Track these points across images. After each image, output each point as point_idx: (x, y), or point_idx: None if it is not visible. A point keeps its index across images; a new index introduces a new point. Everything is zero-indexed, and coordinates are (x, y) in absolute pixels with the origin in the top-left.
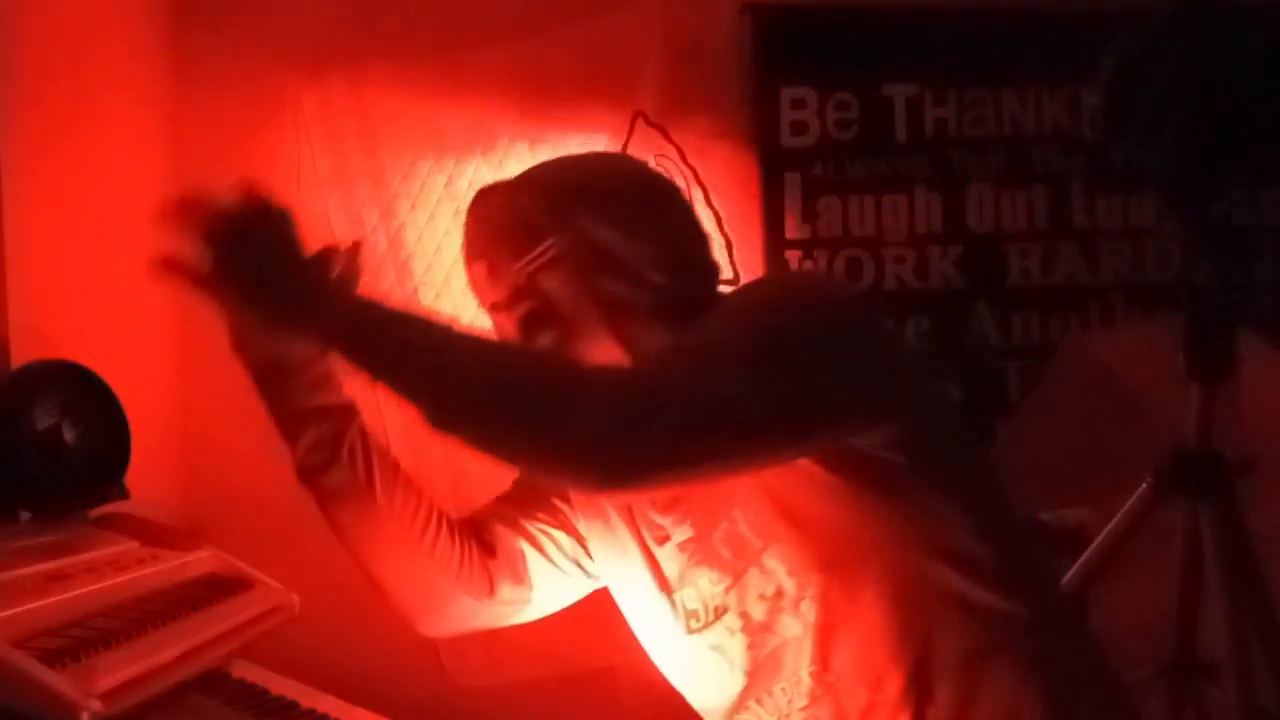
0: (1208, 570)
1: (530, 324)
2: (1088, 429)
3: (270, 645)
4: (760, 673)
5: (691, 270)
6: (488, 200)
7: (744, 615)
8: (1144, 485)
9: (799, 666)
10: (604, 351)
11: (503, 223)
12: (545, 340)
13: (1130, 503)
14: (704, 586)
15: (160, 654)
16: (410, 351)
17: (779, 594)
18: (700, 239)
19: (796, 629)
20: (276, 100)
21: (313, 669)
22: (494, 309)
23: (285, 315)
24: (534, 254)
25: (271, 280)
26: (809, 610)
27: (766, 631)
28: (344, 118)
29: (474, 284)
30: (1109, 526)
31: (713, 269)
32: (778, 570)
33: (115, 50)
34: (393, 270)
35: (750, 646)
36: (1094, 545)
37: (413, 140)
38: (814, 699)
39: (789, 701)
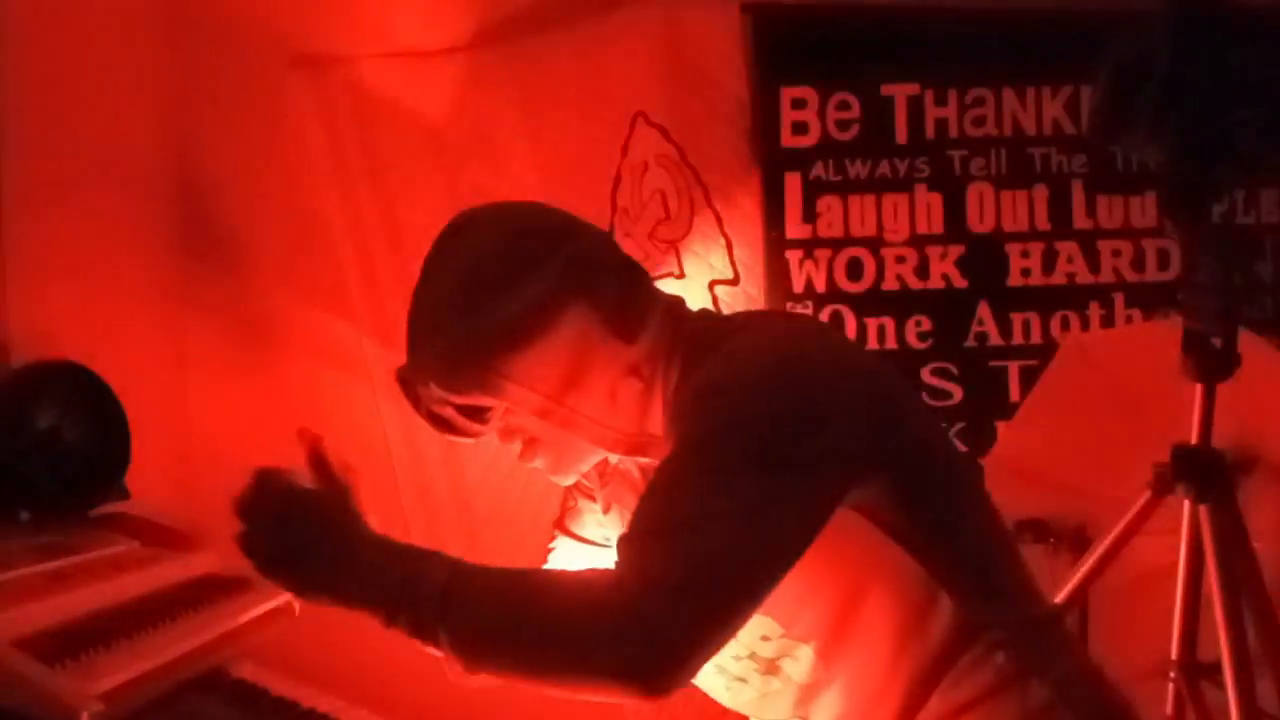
0: (1208, 570)
1: (525, 450)
2: (1088, 429)
3: (270, 645)
4: (768, 700)
5: (615, 310)
6: (416, 390)
7: (751, 655)
8: (1144, 485)
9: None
10: (580, 436)
11: (446, 408)
12: (542, 454)
13: (1131, 503)
14: None
15: (160, 654)
16: (425, 619)
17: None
18: (581, 261)
19: (798, 675)
20: (277, 100)
21: (313, 669)
22: None
23: (310, 592)
24: (487, 420)
25: (298, 563)
26: (805, 660)
27: (773, 672)
28: (344, 117)
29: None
30: (1109, 527)
31: (627, 280)
32: (773, 626)
33: (116, 50)
34: (391, 271)
35: (758, 673)
36: (1095, 545)
37: (413, 140)
38: None
39: None
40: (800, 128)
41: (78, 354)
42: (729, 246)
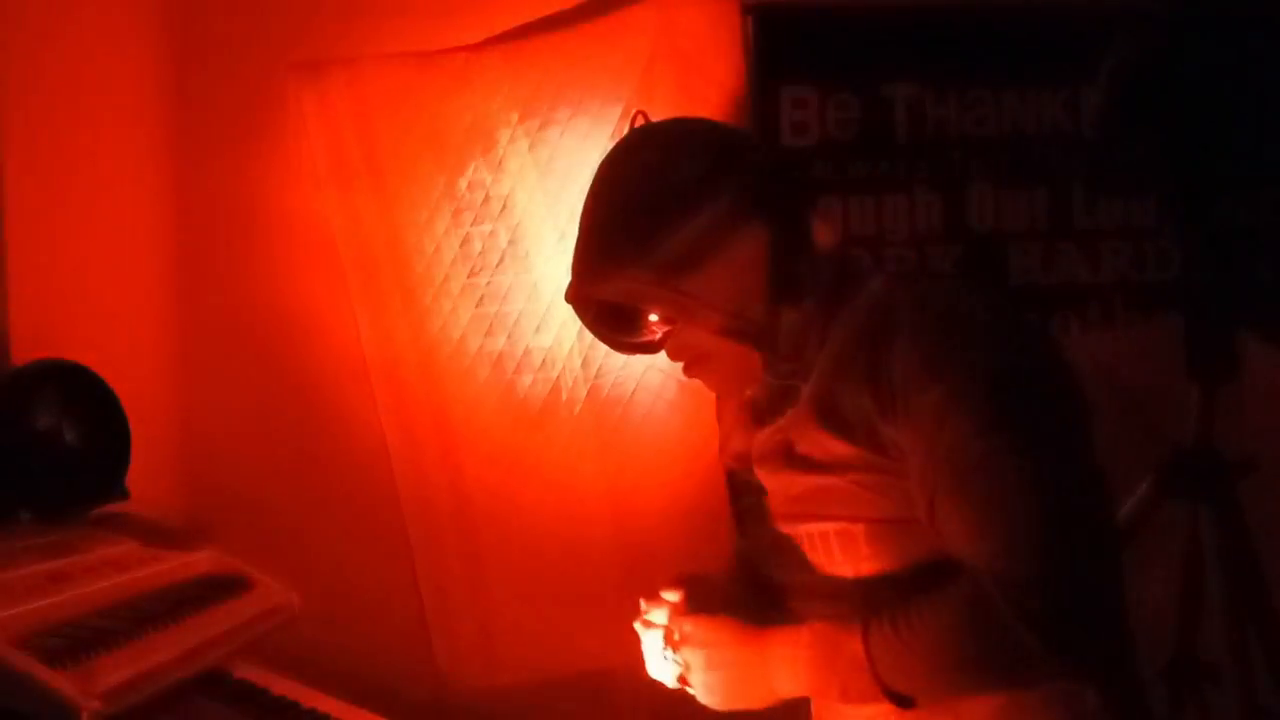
0: (1208, 570)
1: (693, 365)
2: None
3: (270, 645)
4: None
5: (774, 220)
6: (593, 305)
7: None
8: (1144, 485)
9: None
10: (743, 359)
11: (613, 308)
12: (711, 370)
13: (1131, 503)
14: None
15: (160, 654)
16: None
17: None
18: (769, 181)
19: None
20: (277, 100)
21: (313, 669)
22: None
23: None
24: (648, 333)
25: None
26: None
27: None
28: (344, 118)
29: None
30: None
31: (790, 194)
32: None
33: (116, 50)
34: (390, 271)
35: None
36: None
37: (412, 140)
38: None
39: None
40: (800, 128)
41: (78, 354)
42: None
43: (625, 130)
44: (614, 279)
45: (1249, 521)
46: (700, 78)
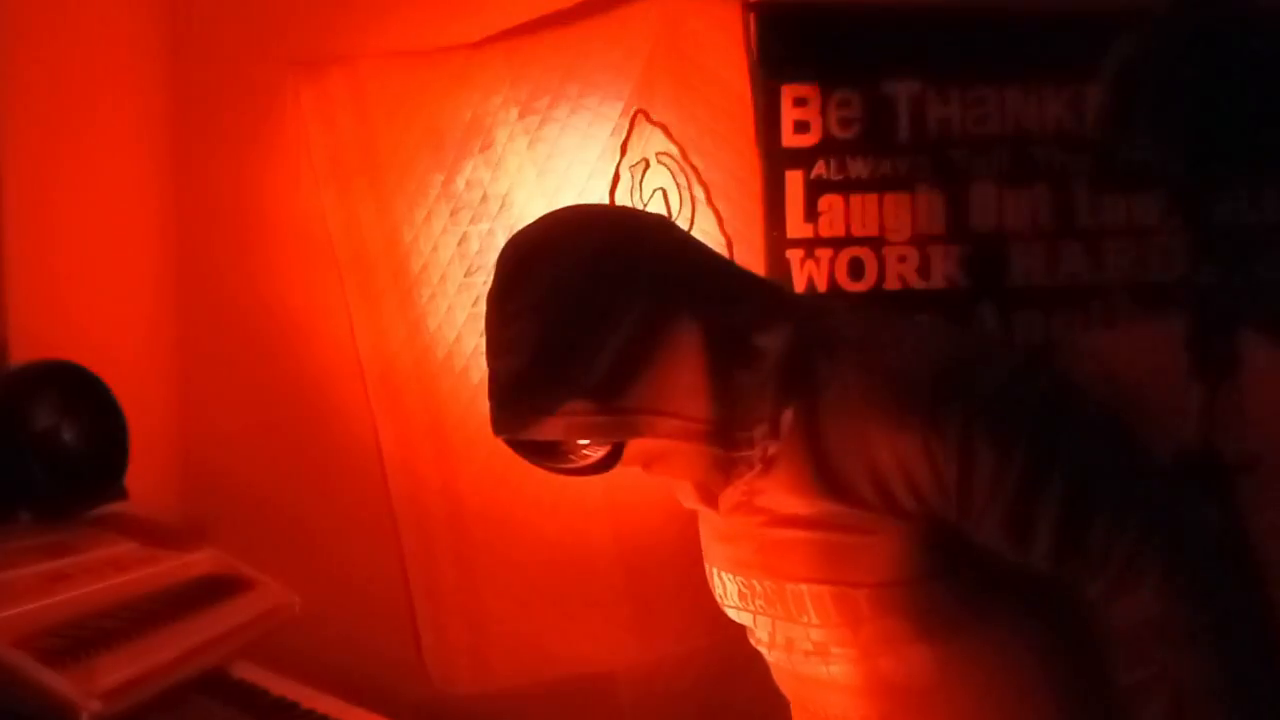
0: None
1: (654, 467)
2: None
3: (270, 645)
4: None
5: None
6: (537, 449)
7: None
8: None
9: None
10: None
11: (580, 433)
12: (673, 467)
13: None
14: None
15: (160, 654)
16: None
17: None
18: (670, 272)
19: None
20: (275, 99)
21: (313, 669)
22: None
23: None
24: (582, 460)
25: None
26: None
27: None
28: (343, 116)
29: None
30: None
31: (715, 280)
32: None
33: (115, 50)
34: (388, 270)
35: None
36: None
37: (410, 138)
38: None
39: None
40: (802, 126)
41: (78, 354)
42: (729, 246)
43: (626, 128)
44: (552, 418)
45: (1249, 521)
46: (701, 75)
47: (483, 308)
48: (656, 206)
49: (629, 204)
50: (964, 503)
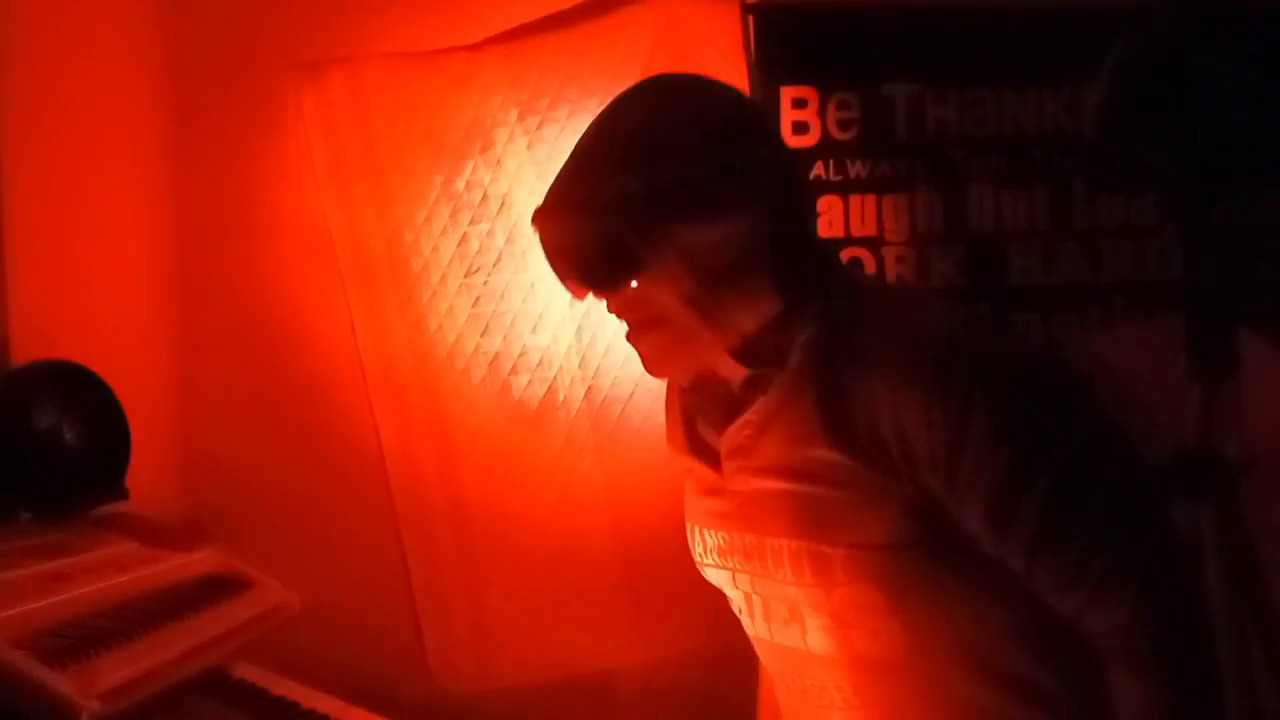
0: (1208, 570)
1: (641, 328)
2: None
3: (270, 645)
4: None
5: (783, 225)
6: (566, 224)
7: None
8: None
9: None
10: (713, 339)
11: (592, 249)
12: (659, 337)
13: None
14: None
15: (160, 654)
16: None
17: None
18: (781, 168)
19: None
20: (275, 100)
21: (313, 669)
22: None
23: None
24: (633, 279)
25: None
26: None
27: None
28: (343, 117)
29: (570, 289)
30: None
31: (806, 210)
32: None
33: (115, 50)
34: (388, 270)
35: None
36: None
37: (411, 139)
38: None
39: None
40: (801, 127)
41: (78, 354)
42: None
43: None
44: (600, 194)
45: (1249, 521)
46: None
47: (483, 308)
48: None
49: None
50: (951, 474)
